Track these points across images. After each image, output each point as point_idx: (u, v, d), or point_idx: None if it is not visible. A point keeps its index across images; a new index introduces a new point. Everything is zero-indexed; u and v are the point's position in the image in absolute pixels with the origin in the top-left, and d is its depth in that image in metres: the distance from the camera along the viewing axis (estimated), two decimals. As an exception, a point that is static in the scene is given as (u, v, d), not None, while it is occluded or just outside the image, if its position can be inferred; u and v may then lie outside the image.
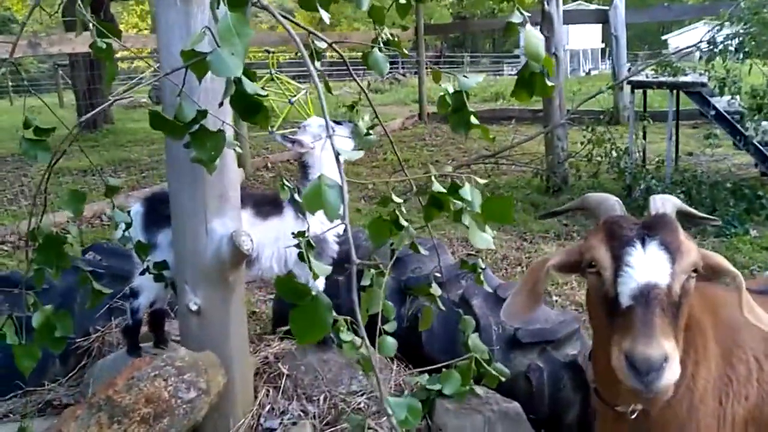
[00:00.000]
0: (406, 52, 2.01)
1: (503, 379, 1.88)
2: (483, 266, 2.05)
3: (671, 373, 1.26)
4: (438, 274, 2.15)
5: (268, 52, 11.13)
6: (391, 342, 1.51)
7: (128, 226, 2.01)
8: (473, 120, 1.46)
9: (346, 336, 1.45)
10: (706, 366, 1.55)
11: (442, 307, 1.96)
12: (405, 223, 1.71)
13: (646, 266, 1.34)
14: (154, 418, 1.79)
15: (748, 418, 1.58)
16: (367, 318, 1.64)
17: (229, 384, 2.12)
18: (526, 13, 1.41)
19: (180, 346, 2.19)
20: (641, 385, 1.27)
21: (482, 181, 1.42)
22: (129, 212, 2.13)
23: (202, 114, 1.55)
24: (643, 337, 1.27)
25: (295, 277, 1.21)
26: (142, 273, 2.28)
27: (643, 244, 1.37)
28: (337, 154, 1.15)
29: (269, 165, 8.05)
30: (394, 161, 7.42)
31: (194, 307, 2.08)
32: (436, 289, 1.91)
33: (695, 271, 1.41)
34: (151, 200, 2.44)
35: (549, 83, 1.49)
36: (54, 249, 1.71)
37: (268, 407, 2.33)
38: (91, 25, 1.63)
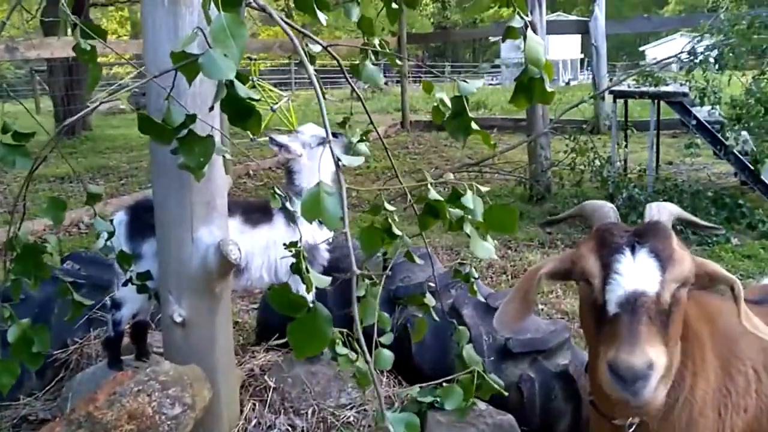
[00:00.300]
0: (397, 60, 1.96)
1: (505, 393, 1.83)
2: (476, 275, 2.01)
3: (656, 381, 1.24)
4: (431, 284, 2.11)
5: (250, 59, 11.07)
6: (387, 355, 1.46)
7: (110, 235, 1.94)
8: (473, 125, 1.42)
9: (342, 349, 1.40)
10: (704, 377, 1.53)
11: (436, 318, 1.91)
12: (399, 232, 1.67)
13: (635, 274, 1.32)
14: (137, 435, 1.71)
15: (747, 431, 1.56)
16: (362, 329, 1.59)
17: (215, 398, 2.05)
18: (526, 18, 1.38)
19: (163, 359, 2.12)
20: (629, 395, 1.25)
21: (485, 189, 1.37)
22: (111, 221, 2.05)
23: (191, 118, 1.49)
24: (627, 345, 1.24)
25: (290, 287, 1.16)
26: (125, 284, 2.20)
27: (633, 251, 1.35)
28: (337, 160, 1.11)
29: (251, 172, 7.97)
30: (378, 169, 7.39)
31: (179, 319, 2.01)
32: (430, 299, 1.87)
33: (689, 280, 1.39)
34: (136, 209, 2.36)
35: (549, 89, 1.46)
36: (32, 259, 1.63)
37: (254, 422, 2.26)
38: (74, 25, 1.56)
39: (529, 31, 1.40)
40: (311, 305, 1.13)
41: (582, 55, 25.53)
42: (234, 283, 2.37)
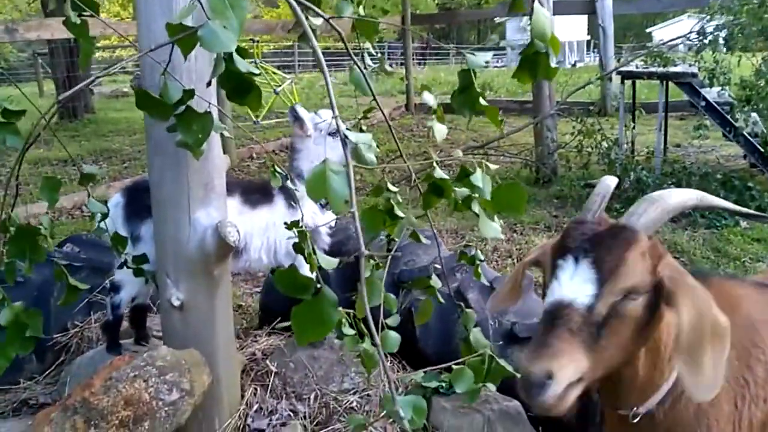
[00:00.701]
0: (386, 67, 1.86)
1: (518, 375, 1.78)
2: (481, 258, 1.95)
3: (554, 391, 1.22)
4: (437, 266, 2.05)
5: (253, 41, 10.96)
6: (394, 337, 1.41)
7: (104, 216, 1.88)
8: (481, 101, 1.35)
9: (348, 330, 1.35)
10: None
11: (442, 300, 1.86)
12: (401, 213, 1.61)
13: (568, 284, 1.31)
14: (133, 421, 1.67)
15: (766, 421, 1.51)
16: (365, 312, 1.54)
17: (215, 383, 2.01)
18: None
19: (162, 344, 2.08)
20: (527, 398, 1.26)
21: (493, 167, 1.31)
22: (105, 202, 1.99)
23: (189, 94, 1.43)
24: (532, 352, 1.26)
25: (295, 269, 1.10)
26: (120, 267, 2.16)
27: (577, 260, 1.33)
28: (344, 137, 1.05)
29: (254, 155, 7.90)
30: (382, 151, 7.32)
31: (176, 302, 1.96)
32: (435, 281, 1.81)
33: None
34: (133, 190, 2.31)
35: (553, 65, 1.39)
36: (27, 241, 1.58)
37: (255, 407, 2.22)
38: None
39: (536, 4, 1.33)
40: (317, 287, 1.07)
41: (588, 37, 25.27)
42: (232, 265, 2.33)
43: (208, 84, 1.40)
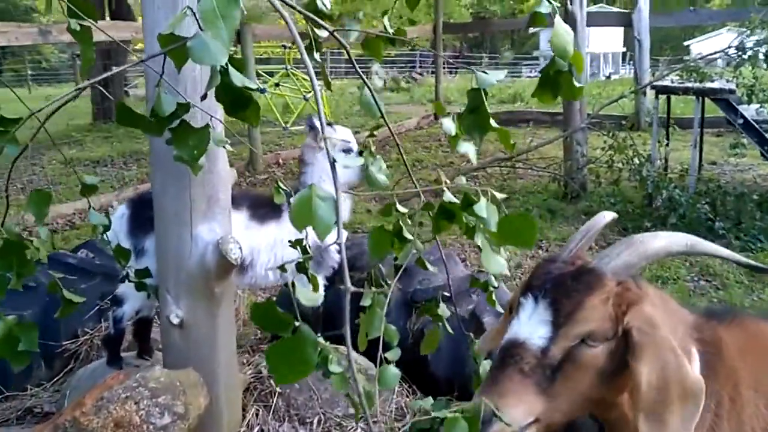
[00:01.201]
0: (401, 82, 1.78)
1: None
2: (496, 284, 1.85)
3: (500, 428, 1.21)
4: (446, 293, 1.96)
5: (285, 47, 10.99)
6: (393, 373, 1.32)
7: (105, 228, 1.82)
8: (492, 123, 1.26)
9: (335, 368, 1.25)
10: (733, 418, 1.37)
11: (450, 331, 1.77)
12: (410, 236, 1.52)
13: (525, 323, 1.30)
14: (122, 445, 1.61)
15: None
16: (366, 344, 1.45)
17: (214, 403, 1.94)
18: (555, 3, 1.21)
19: (159, 361, 2.01)
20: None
21: (501, 196, 1.23)
22: (107, 214, 1.94)
23: (184, 107, 1.37)
24: (482, 387, 1.26)
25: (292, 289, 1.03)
26: (122, 280, 2.11)
27: (536, 300, 1.30)
28: (332, 161, 0.97)
29: (281, 161, 7.90)
30: (407, 162, 7.25)
31: (176, 320, 1.89)
32: (443, 310, 1.72)
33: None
34: (138, 202, 2.26)
35: (577, 84, 1.29)
36: (15, 254, 1.52)
37: (257, 429, 2.15)
38: (63, 3, 1.45)
39: (557, 19, 1.24)
40: (296, 325, 0.99)
41: (624, 49, 24.87)
42: (238, 280, 2.26)
43: (203, 97, 1.34)
